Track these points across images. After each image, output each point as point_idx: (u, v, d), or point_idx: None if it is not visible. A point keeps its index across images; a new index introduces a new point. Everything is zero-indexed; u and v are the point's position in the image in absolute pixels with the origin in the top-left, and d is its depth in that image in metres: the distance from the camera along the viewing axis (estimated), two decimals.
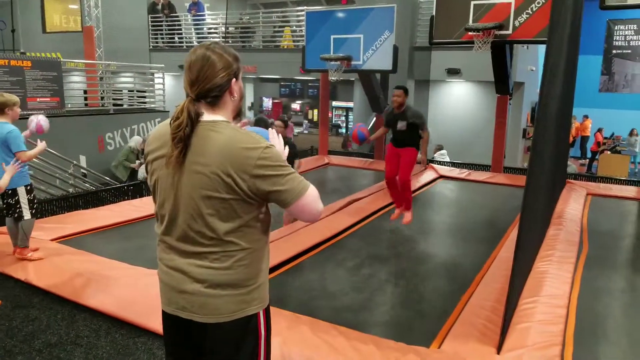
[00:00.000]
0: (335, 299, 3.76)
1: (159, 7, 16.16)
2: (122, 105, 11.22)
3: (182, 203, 1.56)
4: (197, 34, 16.14)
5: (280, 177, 1.53)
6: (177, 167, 1.54)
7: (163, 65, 12.02)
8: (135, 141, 8.08)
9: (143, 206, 5.98)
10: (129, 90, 11.87)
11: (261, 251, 1.66)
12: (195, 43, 16.14)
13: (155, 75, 11.86)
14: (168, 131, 1.57)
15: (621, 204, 6.90)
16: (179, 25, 16.28)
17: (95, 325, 3.27)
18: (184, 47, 16.29)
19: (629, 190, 7.39)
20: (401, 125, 5.32)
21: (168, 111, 11.45)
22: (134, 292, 3.52)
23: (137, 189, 6.71)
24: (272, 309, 3.24)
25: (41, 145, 4.25)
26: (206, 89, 1.57)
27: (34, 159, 5.36)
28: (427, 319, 3.49)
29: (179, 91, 18.36)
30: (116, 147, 9.83)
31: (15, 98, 4.12)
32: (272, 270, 4.19)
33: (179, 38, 16.39)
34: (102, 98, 10.53)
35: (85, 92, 10.83)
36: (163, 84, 11.69)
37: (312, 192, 1.59)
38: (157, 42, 16.57)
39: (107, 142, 9.79)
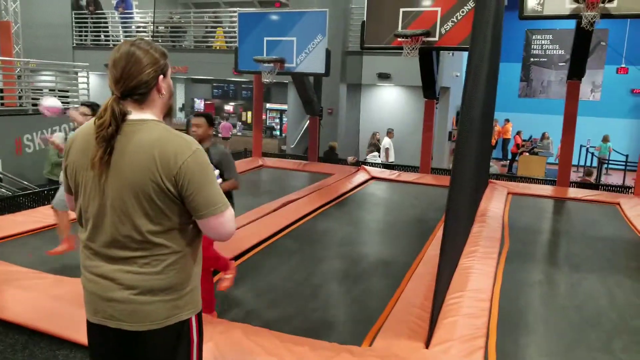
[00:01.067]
0: (268, 306, 3.73)
1: (84, 3, 15.41)
2: None
3: (109, 205, 1.49)
4: (125, 32, 15.54)
5: (204, 185, 1.49)
6: (103, 168, 1.48)
7: (87, 63, 11.47)
8: (58, 137, 7.58)
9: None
10: (50, 90, 11.22)
11: (193, 254, 1.61)
12: (122, 41, 15.55)
13: (80, 74, 11.30)
14: (87, 132, 1.52)
15: (539, 201, 7.35)
16: (105, 22, 15.61)
17: (11, 339, 3.06)
18: (111, 46, 15.62)
19: (546, 189, 7.90)
20: None
21: None
22: (53, 302, 3.33)
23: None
24: (254, 328, 3.15)
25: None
26: (131, 86, 1.51)
27: None
28: (360, 319, 3.55)
29: (105, 91, 17.59)
30: (35, 150, 9.26)
31: None
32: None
33: (105, 36, 15.71)
34: (20, 97, 9.89)
35: (1, 90, 10.12)
36: (87, 83, 11.15)
37: (230, 211, 1.56)
38: (81, 40, 15.79)
39: (25, 144, 9.20)
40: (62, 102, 10.78)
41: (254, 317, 3.52)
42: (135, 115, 1.52)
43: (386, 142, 11.06)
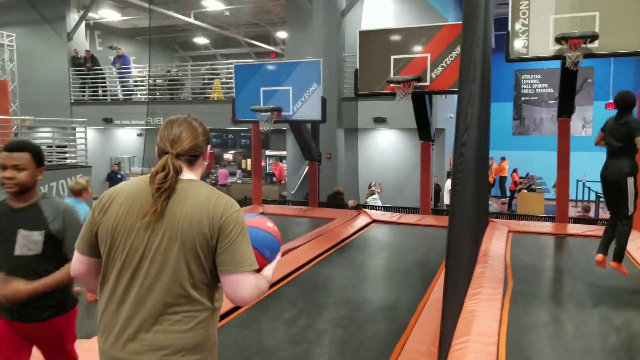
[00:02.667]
0: (271, 355, 3.68)
1: (81, 60, 15.83)
2: None
3: (150, 258, 1.53)
4: (123, 87, 15.91)
5: (237, 242, 1.54)
6: (155, 221, 1.52)
7: (85, 119, 11.68)
8: None
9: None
10: (47, 146, 11.37)
11: (218, 311, 1.65)
12: (120, 96, 15.87)
13: (77, 129, 11.47)
14: (135, 187, 1.59)
15: (539, 239, 7.34)
16: (103, 78, 15.98)
17: None
18: (108, 100, 15.96)
19: (546, 226, 7.90)
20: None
21: (90, 166, 11.03)
22: None
23: None
24: None
25: None
26: (187, 148, 1.62)
27: None
28: None
29: (103, 145, 17.80)
30: None
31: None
32: None
33: (102, 91, 16.06)
34: None
35: None
36: (85, 138, 11.31)
37: (252, 276, 1.57)
38: (78, 96, 16.13)
39: None
40: (60, 157, 10.93)
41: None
42: (184, 175, 1.62)
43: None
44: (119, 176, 13.73)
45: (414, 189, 11.16)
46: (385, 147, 13.98)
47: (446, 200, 12.46)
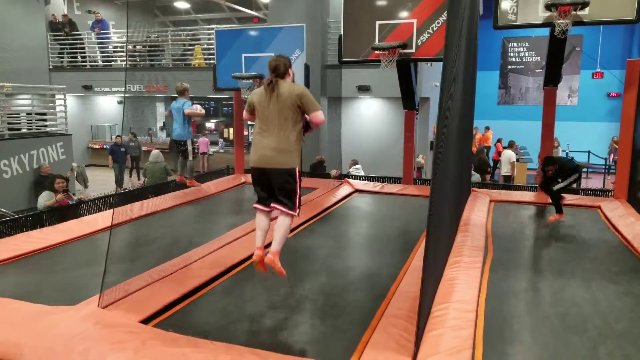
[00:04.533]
0: (253, 321, 3.68)
1: (59, 25, 15.32)
2: (19, 129, 10.43)
3: (272, 111, 3.51)
4: (102, 52, 15.47)
5: (309, 102, 3.51)
6: (270, 98, 3.50)
7: (64, 86, 11.36)
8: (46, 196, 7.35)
9: (44, 237, 5.55)
10: (27, 114, 11.07)
11: (300, 135, 3.62)
12: (100, 62, 15.44)
13: (57, 96, 11.17)
14: (259, 90, 3.63)
15: (521, 208, 7.40)
16: (82, 44, 15.51)
17: None
18: (88, 67, 15.53)
19: (527, 196, 7.96)
20: None
21: (71, 134, 10.79)
22: (31, 333, 3.23)
23: (37, 220, 6.21)
24: (186, 338, 3.14)
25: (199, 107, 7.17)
26: (280, 72, 3.55)
27: None
28: (346, 333, 3.50)
29: (83, 113, 17.43)
30: (12, 175, 9.10)
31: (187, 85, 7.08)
32: (186, 296, 4.04)
33: (81, 57, 15.61)
34: None
35: None
36: (65, 106, 11.02)
37: (321, 111, 3.56)
38: (57, 62, 15.67)
39: (2, 169, 9.05)
40: (40, 125, 10.66)
41: (237, 332, 3.46)
42: (280, 80, 3.55)
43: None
44: (122, 149, 13.36)
45: (396, 160, 11.15)
46: (369, 116, 13.89)
47: (503, 170, 12.53)
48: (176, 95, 7.31)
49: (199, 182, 7.15)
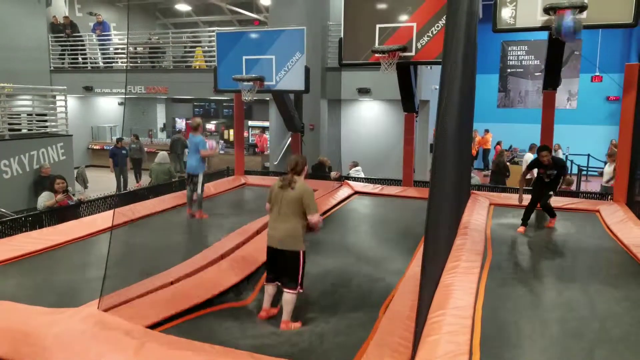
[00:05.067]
0: (253, 326, 3.70)
1: (61, 26, 15.34)
2: (19, 130, 10.44)
3: (283, 205, 4.05)
4: (103, 54, 15.49)
5: (309, 203, 4.01)
6: (284, 194, 4.05)
7: (65, 87, 11.37)
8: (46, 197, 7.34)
9: (43, 238, 5.57)
10: (27, 114, 11.08)
11: (305, 225, 4.09)
12: (101, 63, 15.47)
13: (57, 97, 11.19)
14: (277, 183, 4.16)
15: (520, 212, 7.39)
16: (83, 45, 15.54)
17: None
18: (89, 68, 15.55)
19: (527, 199, 7.93)
20: None
21: (71, 135, 10.80)
22: (30, 334, 3.24)
23: (37, 220, 6.23)
24: (185, 341, 3.11)
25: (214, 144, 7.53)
26: (298, 170, 4.12)
27: None
28: (344, 339, 3.52)
29: (84, 114, 17.44)
30: (13, 175, 9.12)
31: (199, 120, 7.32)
32: (188, 312, 4.01)
33: (82, 59, 15.64)
34: None
35: None
36: (65, 107, 11.04)
37: (317, 213, 4.07)
38: (58, 63, 15.69)
39: (2, 170, 9.06)
40: (40, 126, 10.68)
41: (237, 338, 3.47)
42: (296, 178, 4.10)
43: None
44: (123, 152, 13.24)
45: (395, 162, 11.17)
46: (369, 119, 13.90)
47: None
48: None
49: (206, 214, 7.07)
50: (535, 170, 6.73)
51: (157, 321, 3.68)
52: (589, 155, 15.87)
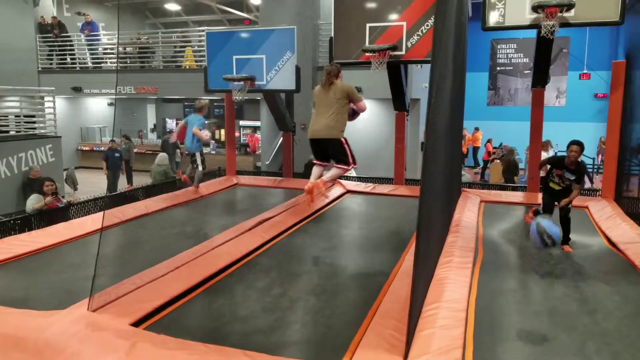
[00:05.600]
0: (245, 323, 3.69)
1: (48, 27, 15.21)
2: (7, 132, 10.35)
3: (328, 100, 5.22)
4: (92, 54, 15.38)
5: (354, 95, 5.25)
6: (326, 92, 5.23)
7: (53, 88, 11.28)
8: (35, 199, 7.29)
9: (32, 240, 5.51)
10: (15, 116, 10.98)
11: (346, 116, 5.34)
12: (89, 64, 15.35)
13: (46, 98, 11.10)
14: (319, 86, 5.39)
15: (511, 208, 7.47)
16: (71, 45, 15.42)
17: None
18: (77, 69, 15.44)
19: (517, 196, 8.03)
20: None
21: (60, 137, 10.72)
22: (20, 338, 3.22)
23: (26, 223, 6.17)
24: (177, 340, 3.14)
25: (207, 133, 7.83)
26: (334, 74, 5.27)
27: None
28: (338, 334, 3.52)
29: (73, 115, 17.31)
30: (1, 178, 9.02)
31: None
32: (177, 299, 4.03)
33: (71, 59, 15.51)
34: None
35: None
36: (54, 108, 10.95)
37: (363, 101, 5.45)
38: (46, 64, 15.56)
39: None
40: (29, 128, 10.60)
41: (229, 333, 3.47)
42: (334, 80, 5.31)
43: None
44: (116, 154, 13.02)
45: (387, 161, 11.20)
46: (360, 118, 13.87)
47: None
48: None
49: (200, 191, 7.79)
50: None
51: (147, 313, 3.67)
52: None
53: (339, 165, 5.19)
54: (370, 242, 6.01)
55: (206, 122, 7.82)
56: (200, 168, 7.56)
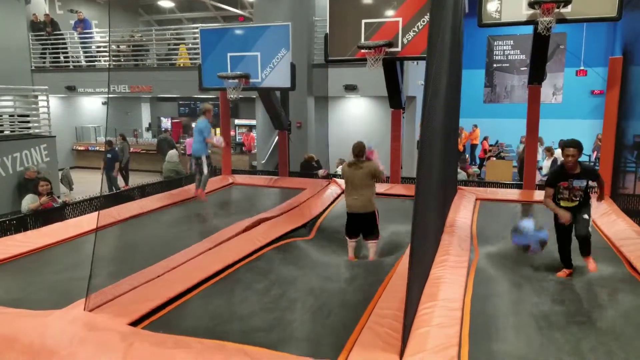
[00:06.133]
0: (243, 322, 3.67)
1: (41, 24, 15.09)
2: (1, 132, 10.27)
3: (357, 180, 5.47)
4: (85, 52, 15.27)
5: (379, 175, 5.53)
6: (355, 172, 5.47)
7: (47, 87, 11.20)
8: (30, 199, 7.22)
9: (28, 241, 5.48)
10: (9, 116, 10.89)
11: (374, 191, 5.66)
12: (83, 62, 15.25)
13: (39, 97, 11.02)
14: (347, 165, 5.65)
15: (506, 206, 7.46)
16: (64, 43, 15.31)
17: None
18: (71, 67, 15.33)
19: (513, 193, 8.02)
20: None
21: (54, 136, 10.64)
22: (16, 338, 3.19)
23: (21, 223, 6.12)
24: (174, 338, 3.11)
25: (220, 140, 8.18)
26: (361, 154, 5.53)
27: None
28: (335, 332, 3.51)
29: (68, 114, 17.20)
30: None
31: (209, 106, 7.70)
32: (175, 299, 4.00)
33: (64, 57, 15.40)
34: None
35: None
36: (48, 107, 10.87)
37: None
38: (39, 63, 15.44)
39: None
40: (23, 127, 10.52)
41: (228, 332, 3.45)
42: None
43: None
44: (109, 155, 12.57)
45: (382, 159, 11.16)
46: (356, 115, 13.88)
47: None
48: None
49: (204, 197, 7.68)
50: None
51: (144, 313, 3.65)
52: None
53: (372, 241, 5.57)
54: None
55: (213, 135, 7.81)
56: (206, 172, 7.43)
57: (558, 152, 11.58)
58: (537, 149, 8.21)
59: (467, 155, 14.50)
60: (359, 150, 5.49)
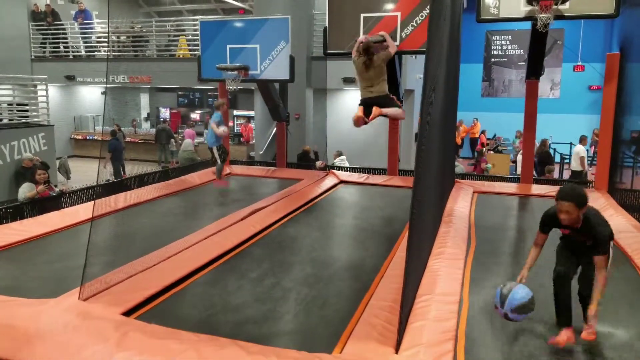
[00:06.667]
0: (237, 313, 3.70)
1: (42, 14, 15.03)
2: (0, 120, 10.26)
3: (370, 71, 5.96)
4: (85, 43, 15.22)
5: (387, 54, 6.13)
6: (367, 66, 5.94)
7: (46, 76, 11.17)
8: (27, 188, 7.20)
9: (24, 229, 5.50)
10: (8, 104, 10.86)
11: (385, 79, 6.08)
12: (83, 52, 15.21)
13: (39, 87, 10.99)
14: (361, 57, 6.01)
15: (503, 199, 7.50)
16: (65, 33, 15.25)
17: None
18: (70, 57, 15.28)
19: (510, 187, 8.06)
20: None
21: (53, 125, 10.63)
22: (10, 326, 3.22)
23: (18, 211, 6.13)
24: (168, 330, 3.14)
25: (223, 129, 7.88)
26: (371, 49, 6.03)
27: None
28: (330, 324, 3.53)
29: (66, 104, 17.17)
30: None
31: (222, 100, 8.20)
32: (169, 287, 4.04)
33: (64, 47, 15.35)
34: None
35: None
36: (47, 96, 10.85)
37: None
38: (39, 52, 15.39)
39: None
40: (21, 116, 10.51)
41: (221, 323, 3.48)
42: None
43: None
44: (112, 145, 12.75)
45: (380, 151, 11.19)
46: (354, 108, 13.85)
47: (573, 165, 11.24)
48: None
49: (224, 181, 8.50)
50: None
51: (138, 302, 3.68)
52: (571, 143, 16.02)
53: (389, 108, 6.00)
54: (363, 232, 6.02)
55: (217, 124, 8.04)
56: (219, 161, 7.93)
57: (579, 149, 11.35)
58: (535, 144, 8.22)
59: (485, 150, 14.39)
60: (368, 47, 5.88)
